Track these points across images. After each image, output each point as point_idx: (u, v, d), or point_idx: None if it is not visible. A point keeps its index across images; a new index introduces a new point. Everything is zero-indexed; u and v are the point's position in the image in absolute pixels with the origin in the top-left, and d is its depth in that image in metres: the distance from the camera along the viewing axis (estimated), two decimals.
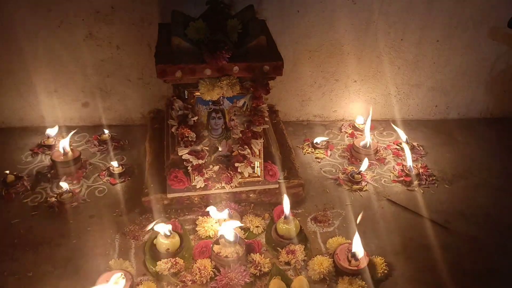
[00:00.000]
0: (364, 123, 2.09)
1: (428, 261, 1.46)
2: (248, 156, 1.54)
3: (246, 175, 1.58)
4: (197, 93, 1.47)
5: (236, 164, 1.54)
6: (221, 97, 1.48)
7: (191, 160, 1.51)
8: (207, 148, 1.52)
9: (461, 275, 1.42)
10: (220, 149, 1.57)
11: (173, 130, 1.49)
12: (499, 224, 1.61)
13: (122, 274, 1.28)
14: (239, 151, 1.53)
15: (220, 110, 1.53)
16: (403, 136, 1.97)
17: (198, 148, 1.50)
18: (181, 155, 1.51)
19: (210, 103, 1.50)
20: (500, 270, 1.44)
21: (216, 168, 1.55)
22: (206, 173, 1.54)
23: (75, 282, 1.34)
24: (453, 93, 2.17)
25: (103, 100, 2.02)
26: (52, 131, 1.90)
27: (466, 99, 2.19)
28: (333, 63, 2.03)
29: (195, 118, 1.47)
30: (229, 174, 1.54)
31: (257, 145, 1.53)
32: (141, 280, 1.35)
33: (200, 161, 1.51)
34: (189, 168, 1.54)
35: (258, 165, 1.60)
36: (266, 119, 1.53)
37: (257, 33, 1.46)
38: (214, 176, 1.55)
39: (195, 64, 1.39)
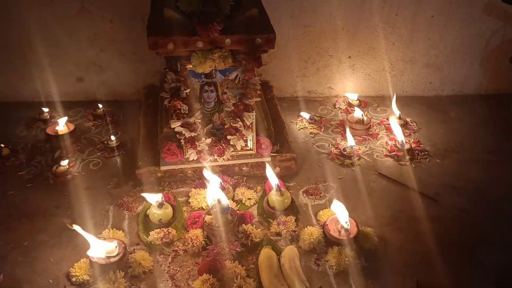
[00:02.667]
0: (358, 100, 2.10)
1: (417, 233, 1.48)
2: (240, 128, 1.55)
3: (239, 148, 1.60)
4: (190, 66, 1.47)
5: (228, 137, 1.56)
6: (214, 70, 1.49)
7: (183, 132, 1.52)
8: (199, 121, 1.53)
9: (450, 245, 1.44)
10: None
11: (165, 102, 1.50)
12: (489, 196, 1.63)
13: (116, 242, 1.31)
14: (231, 123, 1.55)
15: (213, 83, 1.53)
16: (397, 112, 1.99)
17: (191, 120, 1.51)
18: (174, 128, 1.52)
19: (203, 76, 1.51)
20: (487, 241, 1.46)
21: (209, 140, 1.56)
22: (199, 145, 1.55)
23: (70, 251, 1.37)
24: (448, 69, 2.17)
25: (98, 75, 2.02)
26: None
27: (461, 75, 2.20)
28: (328, 38, 2.03)
29: (188, 90, 1.48)
30: (221, 147, 1.56)
31: (249, 118, 1.54)
32: (134, 249, 1.38)
33: (193, 134, 1.53)
34: (182, 141, 1.55)
35: (251, 139, 1.61)
36: (259, 92, 1.54)
37: (249, 6, 1.46)
38: (207, 148, 1.56)
39: (187, 36, 1.39)
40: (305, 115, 2.01)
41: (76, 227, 1.31)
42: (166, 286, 1.28)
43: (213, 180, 1.47)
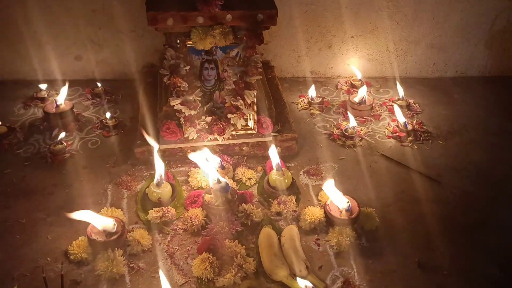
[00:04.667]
0: (360, 81, 2.07)
1: (419, 214, 1.47)
2: (241, 107, 1.53)
3: (239, 127, 1.57)
4: (189, 42, 1.44)
5: (229, 115, 1.53)
6: (214, 47, 1.46)
7: (183, 110, 1.50)
8: (199, 99, 1.51)
9: (451, 226, 1.43)
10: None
11: (165, 80, 1.47)
12: (491, 178, 1.62)
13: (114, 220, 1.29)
14: (232, 102, 1.52)
15: (213, 61, 1.50)
16: (400, 92, 1.97)
17: (190, 98, 1.48)
18: (174, 106, 1.50)
19: (203, 53, 1.48)
20: (489, 222, 1.45)
21: (209, 119, 1.54)
22: (199, 124, 1.53)
23: (67, 229, 1.35)
24: (452, 50, 2.13)
25: (96, 53, 1.99)
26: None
27: (465, 56, 2.16)
28: (330, 17, 1.99)
29: (187, 67, 1.45)
30: (221, 125, 1.54)
31: (250, 96, 1.52)
32: (133, 228, 1.37)
33: (193, 112, 1.50)
34: (181, 119, 1.53)
35: (251, 118, 1.59)
36: (260, 70, 1.51)
37: None
38: (207, 127, 1.54)
39: (187, 11, 1.37)
40: (312, 92, 1.98)
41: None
42: (165, 264, 1.27)
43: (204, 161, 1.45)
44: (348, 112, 1.86)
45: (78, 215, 1.27)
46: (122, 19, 1.89)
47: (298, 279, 1.19)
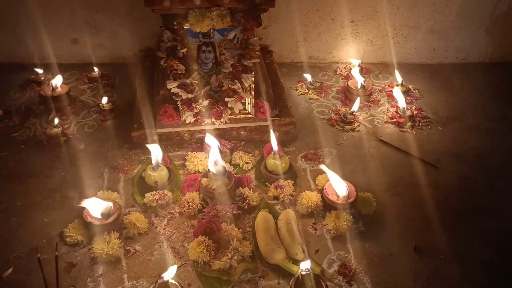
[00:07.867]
0: (359, 66, 2.05)
1: (416, 198, 1.46)
2: (238, 90, 1.51)
3: (237, 111, 1.56)
4: (187, 25, 1.42)
5: (226, 99, 1.52)
6: (212, 30, 1.44)
7: (180, 94, 1.48)
8: (196, 82, 1.49)
9: (449, 211, 1.42)
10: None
11: (162, 62, 1.45)
12: (489, 163, 1.61)
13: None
14: (229, 85, 1.50)
15: (211, 44, 1.48)
16: (399, 78, 1.95)
17: (188, 81, 1.46)
18: (171, 90, 1.48)
19: (200, 35, 1.46)
20: (487, 207, 1.44)
21: (206, 102, 1.52)
22: (196, 107, 1.52)
23: (64, 212, 1.35)
24: (453, 35, 2.11)
25: (93, 37, 1.97)
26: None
27: (465, 42, 2.14)
28: (330, 1, 1.96)
29: (184, 50, 1.43)
30: (219, 109, 1.52)
31: (248, 80, 1.50)
32: (129, 211, 1.36)
33: (190, 95, 1.49)
34: (178, 103, 1.51)
35: (249, 102, 1.57)
36: (258, 53, 1.49)
37: None
38: (204, 111, 1.53)
39: None
40: (308, 76, 1.96)
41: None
42: (162, 247, 1.27)
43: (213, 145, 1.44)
44: (358, 96, 1.84)
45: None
46: (118, 2, 1.87)
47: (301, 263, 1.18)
